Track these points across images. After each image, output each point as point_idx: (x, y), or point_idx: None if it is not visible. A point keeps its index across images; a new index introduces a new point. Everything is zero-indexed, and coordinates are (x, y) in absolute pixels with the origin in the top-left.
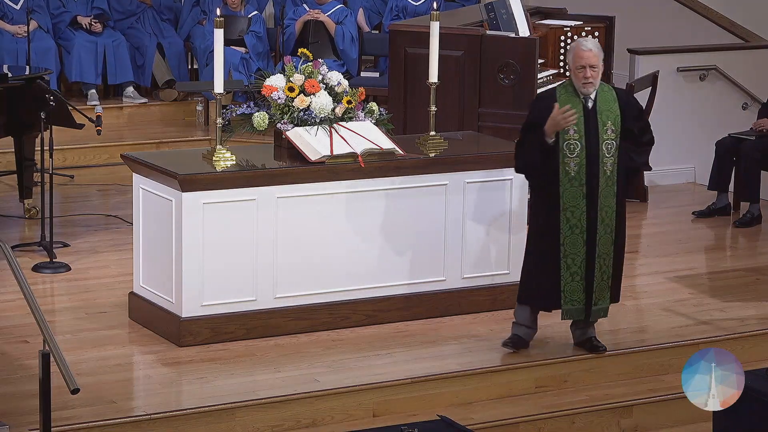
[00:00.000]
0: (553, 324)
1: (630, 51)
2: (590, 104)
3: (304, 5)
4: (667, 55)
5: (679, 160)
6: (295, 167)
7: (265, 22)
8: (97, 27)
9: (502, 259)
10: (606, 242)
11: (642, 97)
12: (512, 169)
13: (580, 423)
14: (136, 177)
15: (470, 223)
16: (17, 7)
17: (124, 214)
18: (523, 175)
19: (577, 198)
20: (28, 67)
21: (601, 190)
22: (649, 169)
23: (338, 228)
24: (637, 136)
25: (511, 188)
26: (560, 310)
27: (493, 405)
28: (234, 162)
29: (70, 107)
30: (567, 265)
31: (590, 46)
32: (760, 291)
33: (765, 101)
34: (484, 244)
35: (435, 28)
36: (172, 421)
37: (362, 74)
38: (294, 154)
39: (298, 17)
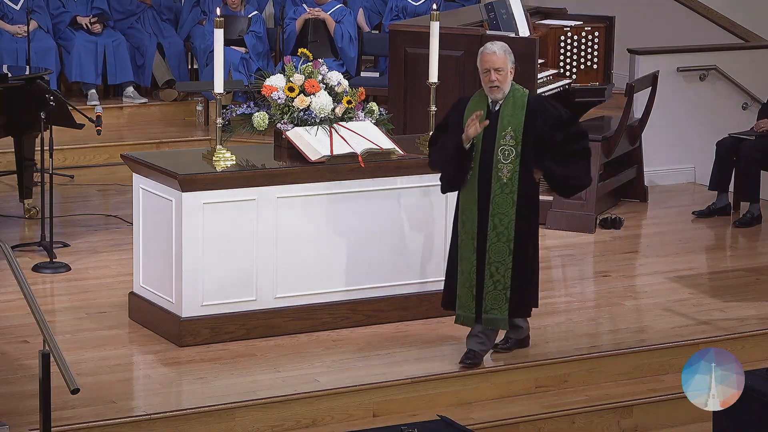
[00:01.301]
0: (553, 324)
1: (630, 51)
2: (496, 108)
3: (304, 5)
4: (667, 55)
5: (679, 160)
6: (295, 167)
7: (265, 22)
8: (97, 27)
9: None
10: (500, 251)
11: (642, 97)
12: None
13: (580, 423)
14: (136, 177)
15: None
16: (17, 7)
17: (124, 214)
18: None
19: (470, 203)
20: (28, 67)
21: (494, 196)
22: (588, 182)
23: (338, 228)
24: (558, 145)
25: None
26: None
27: (493, 405)
28: (234, 162)
29: (70, 107)
30: (461, 270)
31: (495, 48)
32: (760, 291)
33: (765, 101)
34: None
35: (435, 28)
36: (172, 421)
37: (362, 74)
38: (294, 154)
39: (298, 17)
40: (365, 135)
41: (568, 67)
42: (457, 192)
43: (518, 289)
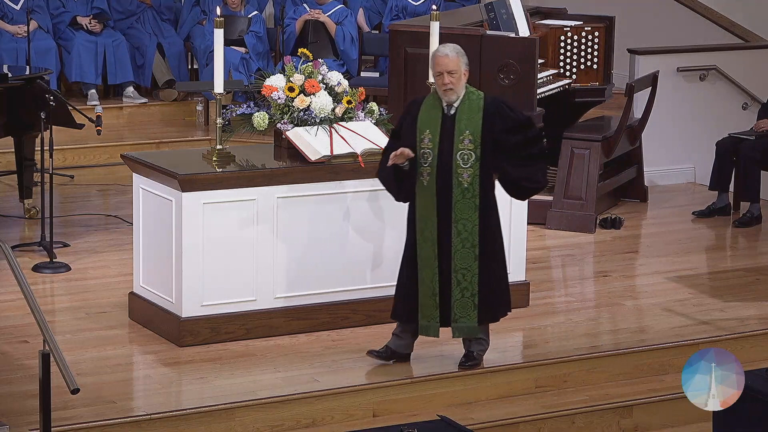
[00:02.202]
0: (553, 324)
1: (630, 51)
2: (452, 112)
3: (304, 5)
4: (667, 55)
5: (679, 160)
6: (295, 167)
7: (265, 22)
8: (96, 27)
9: None
10: (465, 257)
11: (642, 97)
12: None
13: (580, 423)
14: (136, 177)
15: None
16: (17, 7)
17: (124, 214)
18: None
19: (429, 209)
20: (28, 67)
21: (455, 202)
22: (543, 184)
23: (338, 228)
24: (515, 149)
25: None
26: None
27: (493, 405)
28: (234, 162)
29: (70, 107)
30: (422, 279)
31: (447, 51)
32: (760, 291)
33: (765, 101)
34: None
35: (435, 28)
36: (172, 421)
37: (362, 74)
38: (294, 154)
39: (298, 17)
40: (365, 135)
41: (568, 67)
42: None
43: (486, 294)
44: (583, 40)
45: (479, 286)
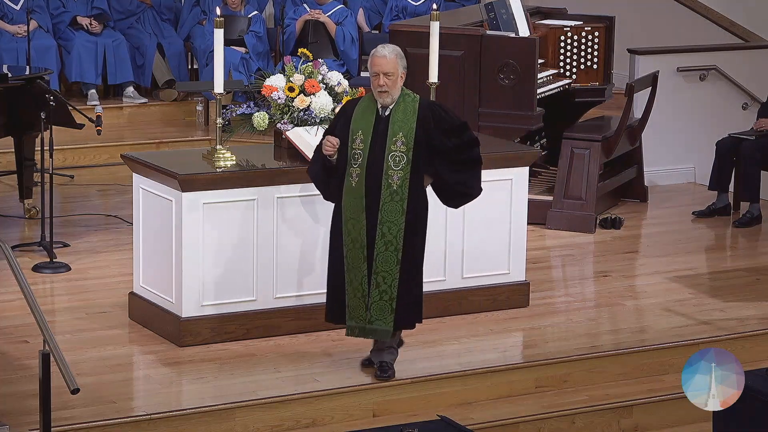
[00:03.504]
0: (553, 324)
1: (630, 51)
2: (386, 113)
3: (305, 5)
4: (667, 55)
5: (679, 160)
6: (295, 167)
7: (265, 22)
8: (97, 28)
9: (501, 259)
10: (387, 260)
11: (642, 97)
12: (512, 169)
13: (580, 423)
14: (136, 177)
15: (470, 223)
16: (17, 7)
17: (124, 214)
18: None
19: (357, 210)
20: (28, 67)
21: (383, 204)
22: (478, 191)
23: None
24: (450, 152)
25: (511, 188)
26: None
27: (493, 405)
28: (234, 162)
29: (70, 107)
30: (350, 280)
31: (385, 52)
32: (760, 291)
33: (765, 101)
34: (485, 244)
35: (435, 28)
36: (172, 421)
37: (362, 74)
38: (294, 154)
39: (298, 17)
40: None
41: (568, 67)
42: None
43: (405, 300)
44: (583, 40)
45: (398, 291)
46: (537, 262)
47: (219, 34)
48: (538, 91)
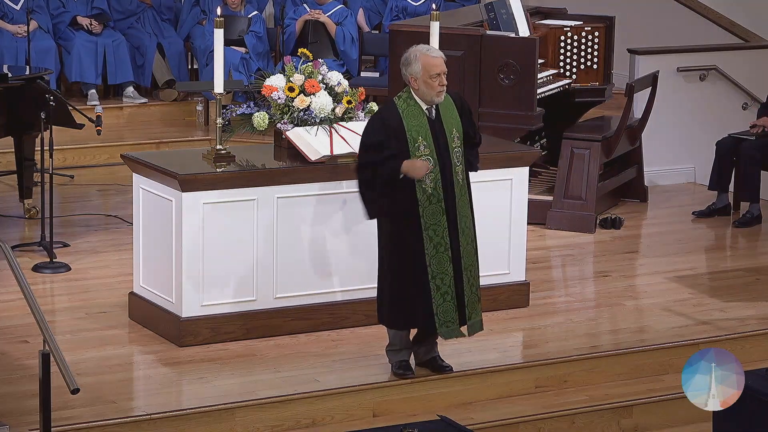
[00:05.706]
0: (553, 324)
1: (630, 51)
2: (433, 114)
3: (304, 5)
4: (667, 55)
5: (679, 160)
6: (295, 167)
7: (265, 22)
8: (97, 28)
9: (502, 259)
10: (469, 253)
11: (642, 97)
12: (512, 169)
13: (580, 423)
14: (136, 177)
15: None
16: (17, 7)
17: (124, 214)
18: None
19: (437, 215)
20: (28, 67)
21: (458, 200)
22: (477, 169)
23: (338, 228)
24: (469, 131)
25: (511, 188)
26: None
27: (493, 405)
28: (234, 162)
29: (70, 107)
30: (437, 287)
31: (440, 53)
32: (760, 291)
33: (765, 101)
34: (484, 244)
35: (435, 28)
36: (172, 421)
37: (362, 74)
38: (294, 154)
39: (298, 17)
40: None
41: (568, 67)
42: (383, 214)
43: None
44: (583, 40)
45: (478, 280)
46: (537, 262)
47: (219, 34)
48: (538, 91)
